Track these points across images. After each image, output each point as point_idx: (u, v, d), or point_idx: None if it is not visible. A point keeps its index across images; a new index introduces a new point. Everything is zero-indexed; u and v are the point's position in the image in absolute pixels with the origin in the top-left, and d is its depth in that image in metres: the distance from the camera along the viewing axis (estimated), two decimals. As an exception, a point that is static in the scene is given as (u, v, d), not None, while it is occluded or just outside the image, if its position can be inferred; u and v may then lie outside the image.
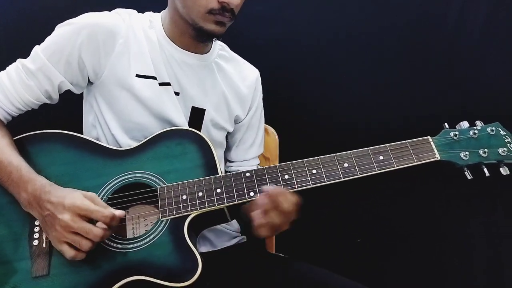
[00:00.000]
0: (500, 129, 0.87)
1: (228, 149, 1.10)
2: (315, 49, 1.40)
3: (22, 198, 0.79)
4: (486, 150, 0.85)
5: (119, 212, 0.78)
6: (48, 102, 0.92)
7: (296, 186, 0.84)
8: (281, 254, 1.07)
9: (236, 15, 0.89)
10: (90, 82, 0.94)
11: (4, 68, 0.90)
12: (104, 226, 0.76)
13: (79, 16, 0.90)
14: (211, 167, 0.87)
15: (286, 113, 1.26)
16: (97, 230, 0.75)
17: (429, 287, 1.46)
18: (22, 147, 0.86)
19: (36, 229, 0.82)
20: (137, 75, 0.91)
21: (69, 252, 0.75)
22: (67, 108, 0.99)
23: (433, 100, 1.40)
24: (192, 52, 0.97)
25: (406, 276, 1.45)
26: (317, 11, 1.38)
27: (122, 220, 0.83)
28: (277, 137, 1.22)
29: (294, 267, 0.94)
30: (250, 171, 0.86)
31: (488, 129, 0.87)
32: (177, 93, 0.95)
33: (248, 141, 1.10)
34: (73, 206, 0.75)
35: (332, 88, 1.42)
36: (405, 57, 1.40)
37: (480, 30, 1.36)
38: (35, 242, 0.81)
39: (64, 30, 0.89)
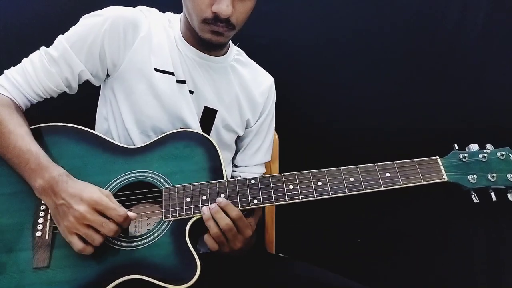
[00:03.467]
0: (510, 154, 0.81)
1: (235, 153, 1.06)
2: (315, 50, 1.33)
3: (38, 185, 0.75)
4: (494, 174, 0.79)
5: (132, 214, 0.75)
6: (67, 91, 0.89)
7: (300, 197, 0.79)
8: (281, 254, 1.03)
9: (236, 25, 0.82)
10: (108, 75, 0.90)
11: (4, 68, 0.86)
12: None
13: (104, 9, 0.87)
14: (217, 171, 0.82)
15: (286, 113, 1.21)
16: (112, 225, 0.72)
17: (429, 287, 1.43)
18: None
19: (40, 220, 0.78)
20: (156, 69, 0.88)
21: (78, 244, 0.72)
22: (79, 101, 0.95)
23: (436, 102, 1.34)
24: (207, 54, 0.92)
25: (406, 276, 1.41)
26: (319, 11, 1.31)
27: None
28: (277, 137, 1.16)
29: (294, 267, 0.91)
30: (255, 179, 0.81)
31: (498, 154, 0.81)
32: (191, 92, 0.92)
33: (254, 147, 1.05)
34: (91, 199, 0.72)
35: (333, 89, 1.36)
36: (408, 59, 1.33)
37: (481, 31, 1.29)
38: (38, 234, 0.77)
39: (89, 21, 0.86)
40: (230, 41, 0.97)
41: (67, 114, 0.88)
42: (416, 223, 1.40)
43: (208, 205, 0.78)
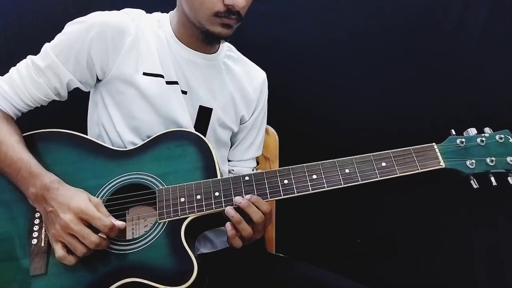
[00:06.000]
0: (509, 137, 0.77)
1: None
2: (316, 49, 1.32)
3: (30, 193, 0.74)
4: (493, 158, 0.76)
5: (119, 223, 0.72)
6: (57, 99, 0.87)
7: (295, 191, 0.77)
8: (281, 254, 1.01)
9: (243, 17, 0.82)
10: (98, 80, 0.88)
11: (4, 69, 0.85)
12: (103, 236, 0.71)
13: (88, 15, 0.84)
14: (210, 170, 0.80)
15: (286, 113, 1.20)
16: (93, 237, 0.69)
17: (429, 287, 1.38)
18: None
19: (36, 228, 0.76)
20: (145, 73, 0.86)
21: (58, 252, 0.70)
22: (71, 106, 0.94)
23: (437, 102, 1.31)
24: (200, 52, 0.91)
25: (406, 277, 1.37)
26: (319, 11, 1.30)
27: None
28: (277, 137, 1.14)
29: (294, 267, 0.89)
30: (249, 175, 0.78)
31: (497, 137, 0.77)
32: (184, 92, 0.90)
33: (247, 142, 1.03)
34: (77, 208, 0.70)
35: (333, 89, 1.33)
36: (408, 58, 1.30)
37: (481, 30, 1.26)
38: (34, 241, 0.75)
39: (73, 28, 0.83)
40: None
41: (59, 120, 0.87)
42: (416, 223, 1.37)
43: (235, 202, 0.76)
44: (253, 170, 1.03)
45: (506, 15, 1.24)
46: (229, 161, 1.04)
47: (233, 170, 1.01)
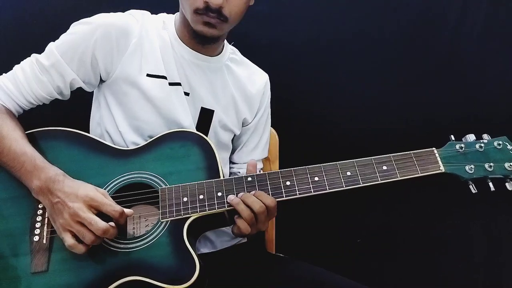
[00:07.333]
0: (507, 143, 0.79)
1: (232, 151, 1.04)
2: (316, 50, 1.33)
3: (34, 185, 0.74)
4: (492, 164, 0.77)
5: (128, 211, 0.74)
6: (60, 98, 0.88)
7: (297, 193, 0.78)
8: (281, 254, 1.02)
9: (228, 18, 0.81)
10: (101, 81, 0.89)
11: (4, 69, 0.85)
12: (112, 224, 0.71)
13: (94, 16, 0.85)
14: (213, 170, 0.81)
15: (286, 113, 1.20)
16: (101, 224, 0.69)
17: (429, 287, 1.40)
18: None
19: (37, 224, 0.76)
20: (148, 75, 0.86)
21: (69, 241, 0.70)
22: (73, 106, 0.94)
23: (437, 102, 1.33)
24: (203, 54, 0.91)
25: (406, 276, 1.38)
26: (318, 12, 1.31)
27: None
28: (277, 137, 1.15)
29: (294, 267, 0.89)
30: (252, 176, 0.79)
31: (495, 143, 0.79)
32: (187, 93, 0.90)
33: (252, 144, 1.04)
34: (86, 196, 0.71)
35: (333, 89, 1.35)
36: (408, 59, 1.32)
37: (482, 31, 1.28)
38: (36, 238, 0.75)
39: (79, 29, 0.84)
40: (225, 41, 0.96)
41: (61, 119, 0.87)
42: (416, 224, 1.38)
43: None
44: (259, 171, 1.04)
45: (506, 15, 1.26)
46: (234, 163, 1.04)
47: (239, 172, 1.01)
